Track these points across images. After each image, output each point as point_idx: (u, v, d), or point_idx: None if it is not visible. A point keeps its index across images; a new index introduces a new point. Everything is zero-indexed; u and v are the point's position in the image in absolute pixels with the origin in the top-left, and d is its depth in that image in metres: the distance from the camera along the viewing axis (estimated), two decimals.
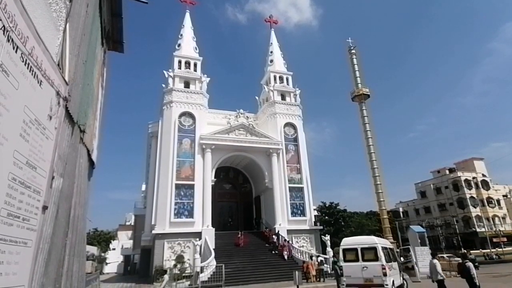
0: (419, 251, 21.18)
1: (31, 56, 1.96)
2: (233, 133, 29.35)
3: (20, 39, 1.82)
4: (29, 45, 1.93)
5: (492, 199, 51.49)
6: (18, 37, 1.80)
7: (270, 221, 28.81)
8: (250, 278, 19.97)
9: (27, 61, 1.90)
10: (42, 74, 2.12)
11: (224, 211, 32.51)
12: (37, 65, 2.04)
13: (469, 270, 9.68)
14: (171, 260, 23.26)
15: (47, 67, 2.20)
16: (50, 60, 2.28)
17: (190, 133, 27.84)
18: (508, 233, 49.14)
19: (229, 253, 23.52)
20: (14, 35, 1.75)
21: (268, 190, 29.60)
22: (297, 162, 30.81)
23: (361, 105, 35.99)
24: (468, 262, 10.12)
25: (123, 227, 70.41)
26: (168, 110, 28.28)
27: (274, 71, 35.58)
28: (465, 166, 55.58)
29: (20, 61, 1.81)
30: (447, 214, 51.74)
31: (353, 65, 38.13)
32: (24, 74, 1.87)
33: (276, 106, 32.55)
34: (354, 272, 11.77)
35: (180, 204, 25.41)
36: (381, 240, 13.39)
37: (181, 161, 26.71)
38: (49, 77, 2.24)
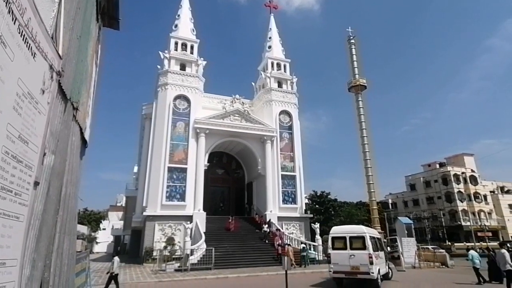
0: (405, 241, 21.75)
1: (27, 27, 1.90)
2: (228, 118, 29.21)
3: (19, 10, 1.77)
4: (26, 16, 1.87)
5: (479, 194, 52.68)
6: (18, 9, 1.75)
7: (261, 208, 29.12)
8: (239, 262, 20.31)
9: (23, 33, 1.85)
10: (36, 47, 2.05)
11: (216, 196, 32.70)
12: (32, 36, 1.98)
13: None
14: (161, 242, 23.48)
15: (41, 40, 2.12)
16: (44, 33, 2.20)
17: (185, 117, 27.63)
18: (494, 228, 50.55)
19: (220, 237, 23.80)
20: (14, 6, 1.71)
21: (261, 177, 29.78)
22: (291, 150, 30.94)
23: (357, 96, 36.00)
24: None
25: (114, 208, 70.70)
26: (163, 92, 27.91)
27: (272, 57, 35.20)
28: (455, 161, 56.51)
29: (17, 33, 1.77)
30: (434, 207, 52.96)
31: (351, 55, 37.90)
32: (20, 46, 1.81)
33: (272, 93, 32.38)
34: (341, 259, 12.03)
35: (172, 187, 25.46)
36: (369, 230, 13.65)
37: (175, 144, 26.60)
38: (43, 50, 2.16)
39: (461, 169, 53.81)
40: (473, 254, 14.12)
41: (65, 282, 2.87)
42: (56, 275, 2.62)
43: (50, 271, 2.49)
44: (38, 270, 2.24)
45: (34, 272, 2.14)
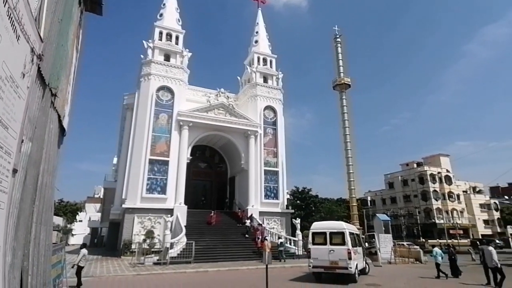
0: (382, 238, 22.40)
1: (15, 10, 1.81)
2: (212, 112, 28.94)
3: None
4: None
5: (453, 193, 54.91)
6: None
7: (243, 202, 29.17)
8: (220, 256, 20.31)
9: (11, 15, 1.76)
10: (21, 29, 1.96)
11: (198, 189, 32.46)
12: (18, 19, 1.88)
13: None
14: (140, 234, 23.13)
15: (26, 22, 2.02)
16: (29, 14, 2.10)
17: (168, 108, 27.15)
18: (465, 226, 52.97)
19: (201, 231, 23.71)
20: None
21: (244, 171, 29.79)
22: (274, 146, 31.06)
23: (342, 94, 36.50)
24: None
25: (91, 200, 69.09)
26: (145, 83, 27.28)
27: (258, 52, 35.05)
28: (432, 161, 58.53)
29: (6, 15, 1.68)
30: (410, 205, 54.78)
31: (337, 54, 38.31)
32: (7, 29, 1.72)
33: (258, 88, 32.30)
34: (321, 254, 12.25)
35: (153, 180, 25.06)
36: (349, 226, 13.97)
37: (157, 136, 26.13)
38: (26, 32, 2.06)
39: (437, 169, 55.81)
40: (437, 251, 15.09)
41: (43, 273, 2.78)
42: (35, 264, 2.53)
43: (28, 261, 2.41)
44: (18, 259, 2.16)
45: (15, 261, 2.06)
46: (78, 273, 10.80)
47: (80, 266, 10.82)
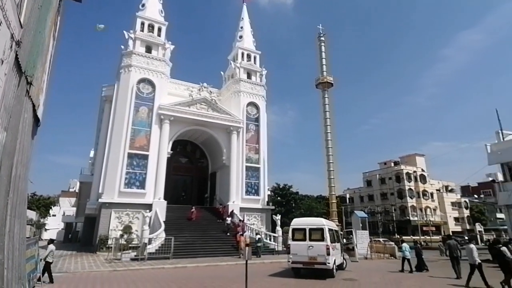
0: (359, 234, 22.99)
1: None
2: (194, 107, 28.57)
3: None
4: None
5: (427, 192, 57.09)
6: None
7: (224, 198, 29.09)
8: (199, 252, 20.19)
9: None
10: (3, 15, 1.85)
11: (178, 184, 32.09)
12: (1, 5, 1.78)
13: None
14: (117, 230, 22.63)
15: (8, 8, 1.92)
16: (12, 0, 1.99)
17: (148, 101, 26.56)
18: (437, 223, 55.29)
19: (180, 226, 23.46)
20: None
21: (225, 167, 29.68)
22: (256, 142, 31.11)
23: (324, 93, 36.96)
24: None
25: (66, 194, 66.99)
26: (125, 74, 26.55)
27: (242, 47, 34.88)
28: (408, 161, 60.50)
29: None
30: (387, 203, 56.53)
31: (320, 52, 38.70)
32: None
33: (241, 84, 32.18)
34: (300, 250, 12.42)
35: (132, 174, 24.52)
36: (328, 222, 14.21)
37: (136, 130, 25.54)
38: (8, 18, 1.96)
39: (413, 168, 57.78)
40: (405, 246, 15.65)
41: (18, 266, 2.66)
42: (10, 258, 2.42)
43: (4, 254, 2.30)
44: None
45: None
46: (47, 269, 10.45)
47: (48, 262, 10.47)
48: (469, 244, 11.81)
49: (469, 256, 11.21)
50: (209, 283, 10.96)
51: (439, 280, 12.64)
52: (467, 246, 11.67)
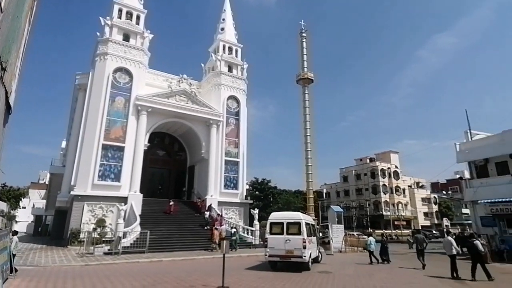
0: (335, 228, 23.48)
1: None
2: (173, 98, 27.94)
3: None
4: None
5: (399, 188, 59.21)
6: None
7: (202, 192, 28.80)
8: (176, 246, 19.90)
9: None
10: None
11: (155, 177, 31.45)
12: None
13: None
14: (90, 223, 21.88)
15: None
16: None
17: (125, 92, 25.69)
18: (408, 218, 57.56)
19: (156, 220, 23.02)
20: None
21: (204, 160, 29.35)
22: (236, 136, 30.93)
23: (304, 89, 37.22)
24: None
25: (35, 185, 64.25)
26: (101, 63, 25.51)
27: (224, 40, 34.40)
28: (383, 157, 62.38)
29: None
30: (362, 198, 58.16)
31: (302, 48, 38.86)
32: None
33: (222, 77, 31.79)
34: (277, 244, 12.50)
35: (107, 166, 23.73)
36: (305, 217, 14.38)
37: (112, 121, 24.67)
38: None
39: (387, 164, 59.65)
40: (371, 240, 16.52)
41: None
42: None
43: None
44: None
45: None
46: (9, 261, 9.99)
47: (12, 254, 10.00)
48: (447, 236, 12.49)
49: (448, 248, 11.83)
50: (185, 277, 10.80)
51: (408, 270, 13.24)
52: (445, 238, 12.33)
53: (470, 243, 11.53)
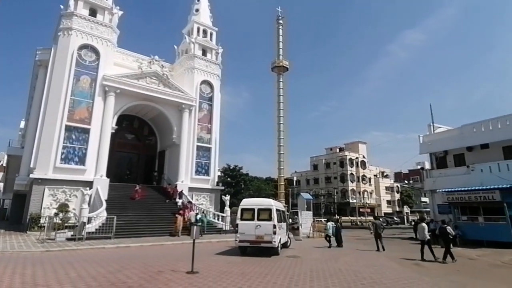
0: (304, 215, 24.08)
1: None
2: (143, 80, 26.83)
3: None
4: None
5: (365, 177, 61.80)
6: None
7: (173, 178, 28.28)
8: (144, 231, 19.50)
9: None
10: None
11: (123, 162, 30.40)
12: None
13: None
14: (51, 208, 20.82)
15: None
16: None
17: (91, 71, 24.26)
18: (372, 205, 60.46)
19: (124, 205, 22.34)
20: None
21: (175, 146, 28.71)
22: (209, 122, 30.45)
23: (279, 77, 37.22)
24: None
25: None
26: (65, 38, 23.82)
27: (198, 22, 33.31)
28: (351, 147, 64.57)
29: None
30: (330, 186, 60.17)
31: (278, 36, 38.62)
32: None
33: (196, 61, 30.91)
34: (248, 229, 12.59)
35: (70, 149, 22.52)
36: (276, 203, 14.58)
37: (76, 101, 23.30)
38: None
39: (355, 154, 61.88)
40: (329, 225, 17.54)
41: None
42: None
43: None
44: None
45: None
46: None
47: None
48: (421, 223, 13.30)
49: (421, 233, 12.63)
50: (153, 263, 10.60)
51: (370, 254, 14.01)
52: (419, 225, 13.17)
53: (443, 229, 12.48)
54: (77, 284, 7.33)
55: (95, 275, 8.39)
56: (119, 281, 7.66)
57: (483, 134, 22.05)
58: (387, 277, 8.77)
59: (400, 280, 8.31)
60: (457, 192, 19.55)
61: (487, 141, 22.05)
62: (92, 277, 8.07)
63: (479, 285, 8.05)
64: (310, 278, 8.45)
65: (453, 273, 9.64)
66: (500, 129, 21.09)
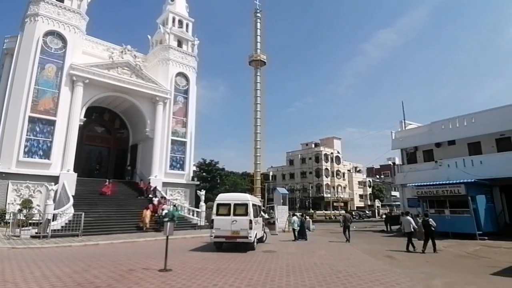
0: (280, 209, 24.18)
1: None
2: (115, 70, 25.64)
3: None
4: None
5: (340, 172, 63.26)
6: None
7: (146, 172, 27.40)
8: (115, 228, 18.72)
9: None
10: None
11: (92, 156, 29.10)
12: None
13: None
14: (15, 204, 19.57)
15: None
16: None
17: (57, 59, 22.87)
18: (346, 199, 62.11)
19: (93, 201, 21.35)
20: None
21: (148, 139, 27.79)
22: (184, 116, 29.73)
23: (256, 71, 36.92)
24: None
25: None
26: (31, 25, 22.41)
27: (174, 12, 32.25)
28: (326, 143, 65.76)
29: None
30: (306, 181, 61.09)
31: (256, 29, 38.23)
32: None
33: (170, 52, 29.97)
34: (224, 225, 12.37)
35: (34, 142, 21.20)
36: (253, 198, 14.47)
37: (41, 90, 21.90)
38: None
39: (330, 150, 63.12)
40: (295, 219, 18.02)
41: None
42: None
43: None
44: None
45: None
46: None
47: None
48: (406, 216, 13.96)
49: (406, 226, 13.30)
50: (124, 261, 10.13)
51: (342, 245, 14.68)
52: (404, 218, 13.95)
53: (425, 221, 13.08)
54: (42, 284, 6.88)
55: (60, 274, 7.87)
56: (86, 281, 7.21)
57: (450, 131, 23.06)
58: (361, 269, 8.90)
59: (374, 273, 8.45)
60: (426, 186, 20.33)
61: (454, 137, 23.11)
62: (57, 277, 7.56)
63: (447, 275, 8.32)
64: (286, 272, 8.39)
65: (422, 265, 9.95)
66: (466, 127, 22.14)
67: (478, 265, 10.08)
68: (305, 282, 7.21)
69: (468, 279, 7.86)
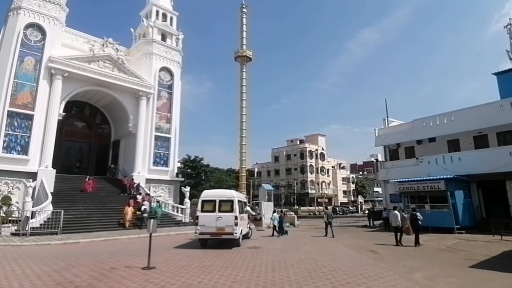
0: (265, 205, 24.22)
1: None
2: (96, 64, 24.89)
3: None
4: None
5: (324, 168, 64.02)
6: None
7: (128, 169, 26.82)
8: (96, 226, 18.26)
9: None
10: None
11: (72, 152, 28.24)
12: None
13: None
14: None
15: None
16: None
17: (36, 51, 22.04)
18: (330, 195, 62.96)
19: (73, 198, 20.76)
20: None
21: (131, 135, 27.20)
22: (168, 111, 29.24)
23: (242, 67, 36.76)
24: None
25: None
26: (13, 18, 21.89)
27: (157, 5, 31.56)
28: (311, 140, 66.38)
29: None
30: (291, 177, 61.46)
31: (241, 25, 38.02)
32: None
33: (154, 46, 29.35)
34: (209, 221, 12.24)
35: (12, 137, 20.40)
36: (238, 194, 14.40)
37: (20, 84, 21.10)
38: None
39: (315, 146, 63.75)
40: (275, 216, 18.34)
41: None
42: None
43: None
44: None
45: None
46: None
47: None
48: (394, 211, 14.25)
49: (394, 220, 13.64)
50: (105, 259, 9.87)
51: (325, 240, 15.04)
52: (392, 212, 14.25)
53: (414, 216, 13.57)
54: (23, 282, 6.72)
55: (40, 273, 7.64)
56: (66, 280, 6.98)
57: (431, 129, 23.65)
58: (345, 264, 9.01)
59: (358, 267, 8.57)
60: (407, 182, 20.81)
61: (434, 135, 23.71)
62: (37, 276, 7.35)
63: (428, 268, 8.54)
64: (271, 268, 8.39)
65: (404, 258, 10.19)
66: (446, 124, 22.75)
67: (456, 258, 10.40)
68: (290, 278, 7.23)
69: (448, 272, 8.09)
